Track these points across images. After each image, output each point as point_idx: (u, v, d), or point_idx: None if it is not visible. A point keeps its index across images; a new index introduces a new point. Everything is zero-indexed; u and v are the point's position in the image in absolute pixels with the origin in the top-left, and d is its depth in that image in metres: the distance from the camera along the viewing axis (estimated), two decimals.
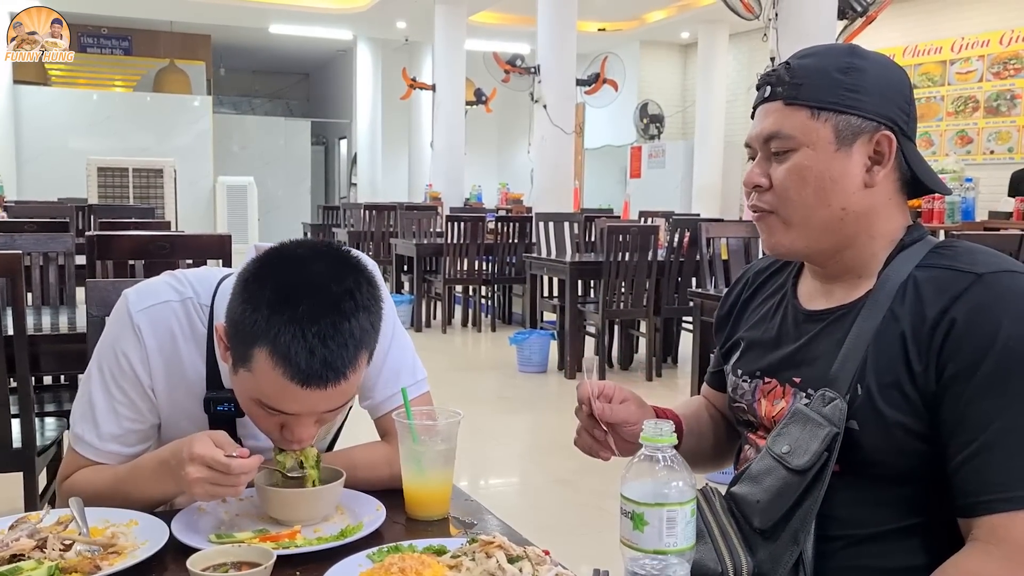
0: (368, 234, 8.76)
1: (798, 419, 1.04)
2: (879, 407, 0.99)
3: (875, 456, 1.01)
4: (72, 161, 12.04)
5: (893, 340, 1.00)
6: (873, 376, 1.00)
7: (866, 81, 1.06)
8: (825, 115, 1.06)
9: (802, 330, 1.13)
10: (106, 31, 14.15)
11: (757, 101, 1.14)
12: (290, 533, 1.08)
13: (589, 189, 14.40)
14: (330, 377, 1.04)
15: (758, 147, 1.12)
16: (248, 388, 1.09)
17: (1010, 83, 9.22)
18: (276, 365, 1.03)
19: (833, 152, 1.06)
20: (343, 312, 1.05)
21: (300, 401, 1.07)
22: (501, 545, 0.97)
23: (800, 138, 1.07)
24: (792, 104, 1.08)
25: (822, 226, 1.08)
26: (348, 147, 16.79)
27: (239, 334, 1.07)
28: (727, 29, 11.83)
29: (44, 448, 2.32)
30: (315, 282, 1.06)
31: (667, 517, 0.81)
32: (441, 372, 5.77)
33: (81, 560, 0.97)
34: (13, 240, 3.09)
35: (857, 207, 1.07)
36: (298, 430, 1.11)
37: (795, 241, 1.11)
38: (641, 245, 5.37)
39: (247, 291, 1.07)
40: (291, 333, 1.02)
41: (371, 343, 1.10)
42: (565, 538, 2.96)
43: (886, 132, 1.06)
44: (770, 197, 1.11)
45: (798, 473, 1.01)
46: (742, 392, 1.19)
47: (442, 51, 10.70)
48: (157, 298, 1.22)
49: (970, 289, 0.97)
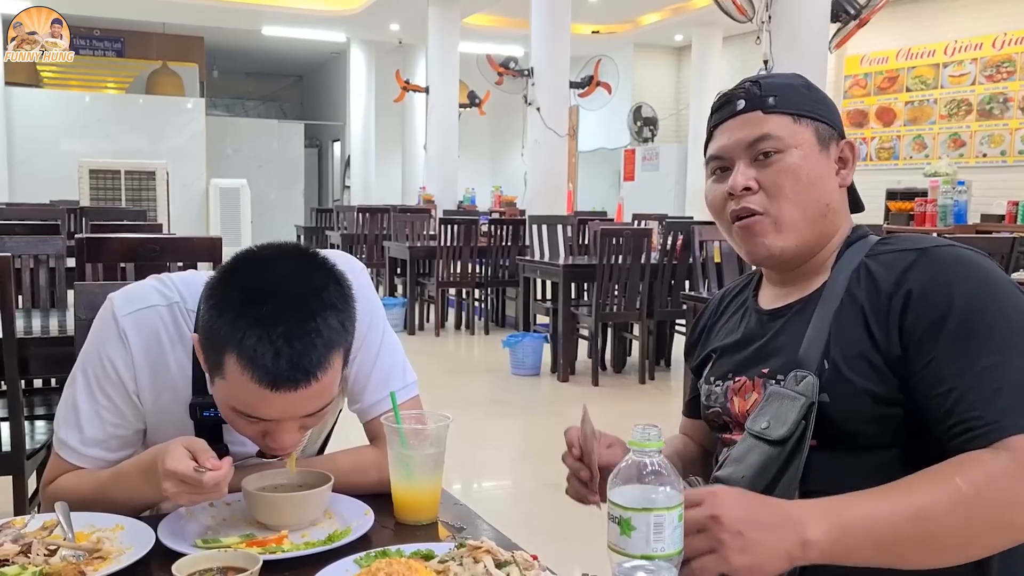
0: (361, 237, 8.75)
1: (774, 398, 1.09)
2: (847, 377, 1.04)
3: (849, 426, 1.04)
4: (64, 163, 12.01)
5: (853, 316, 1.06)
6: (839, 350, 1.05)
7: (821, 96, 1.19)
8: (805, 121, 1.15)
9: (766, 328, 1.19)
10: (98, 33, 14.13)
11: (723, 117, 1.19)
12: (277, 538, 1.07)
13: (582, 192, 14.41)
14: (299, 378, 1.02)
15: (737, 155, 1.16)
16: (224, 396, 1.08)
17: (1003, 86, 9.25)
18: (244, 370, 1.01)
19: (818, 152, 1.15)
20: (309, 311, 1.04)
21: (274, 406, 1.05)
22: (489, 550, 0.96)
23: (788, 140, 1.14)
24: (772, 112, 1.15)
25: (811, 222, 1.15)
26: (341, 149, 16.78)
27: (209, 342, 1.06)
28: (721, 32, 11.86)
29: (33, 451, 2.30)
30: (279, 283, 1.05)
31: (654, 522, 0.81)
32: (434, 375, 5.77)
33: (66, 565, 0.96)
34: (3, 242, 3.07)
35: (835, 204, 1.17)
36: (280, 436, 1.10)
37: (786, 241, 1.15)
38: (634, 248, 5.37)
39: (213, 297, 1.06)
40: (256, 336, 1.01)
41: (342, 342, 1.08)
42: (556, 542, 2.95)
43: (850, 140, 1.19)
44: (759, 198, 1.15)
45: (778, 444, 1.05)
46: (715, 396, 1.23)
47: (435, 53, 10.70)
48: (143, 302, 1.21)
49: (917, 262, 1.05)
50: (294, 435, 1.11)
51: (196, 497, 1.05)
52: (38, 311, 3.01)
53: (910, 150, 10.14)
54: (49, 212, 6.17)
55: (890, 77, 10.33)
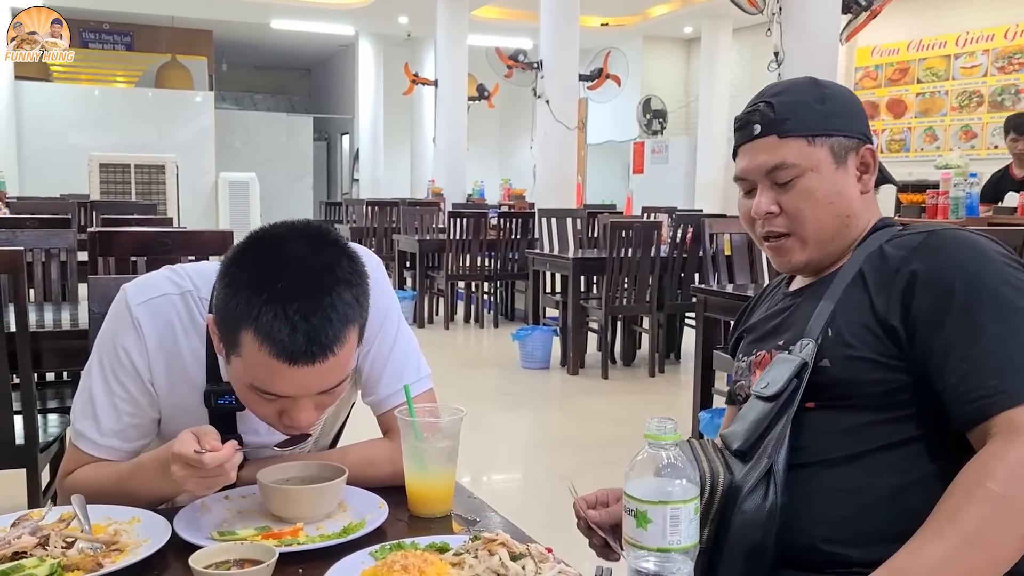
0: (370, 230, 8.76)
1: (776, 363, 1.17)
2: (848, 342, 1.11)
3: (846, 390, 1.11)
4: (74, 157, 12.04)
5: (860, 289, 1.14)
6: (843, 318, 1.13)
7: (839, 106, 1.22)
8: (819, 140, 1.19)
9: (788, 305, 1.28)
10: (108, 26, 14.14)
11: (743, 140, 1.25)
12: (292, 530, 1.08)
13: (592, 185, 14.38)
14: (316, 352, 1.03)
15: (758, 179, 1.23)
16: (241, 375, 1.09)
17: (1014, 78, 9.18)
18: (261, 345, 1.03)
19: (834, 171, 1.20)
20: (324, 286, 1.05)
21: (291, 381, 1.06)
22: (504, 543, 0.96)
23: (803, 164, 1.19)
24: (787, 136, 1.19)
25: (832, 235, 1.21)
26: (350, 143, 16.78)
27: (225, 320, 1.07)
28: (731, 24, 11.79)
29: (47, 444, 2.32)
30: (293, 260, 1.06)
31: (671, 515, 0.81)
32: (443, 368, 5.77)
33: (83, 558, 0.97)
34: (15, 236, 3.09)
35: (856, 211, 1.22)
36: (296, 414, 1.10)
37: (811, 255, 1.23)
38: (644, 241, 5.36)
39: (228, 275, 1.07)
40: (272, 312, 1.02)
41: (357, 317, 1.09)
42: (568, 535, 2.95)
43: (869, 146, 1.22)
44: (782, 221, 1.22)
45: (770, 400, 1.13)
46: (740, 371, 1.31)
47: (444, 46, 10.68)
48: (157, 291, 1.22)
49: (924, 241, 1.11)
50: (310, 413, 1.12)
51: (203, 482, 1.06)
52: (50, 304, 3.03)
53: (921, 142, 10.08)
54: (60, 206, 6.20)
55: (901, 69, 10.27)
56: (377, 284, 1.21)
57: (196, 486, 1.06)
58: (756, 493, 1.09)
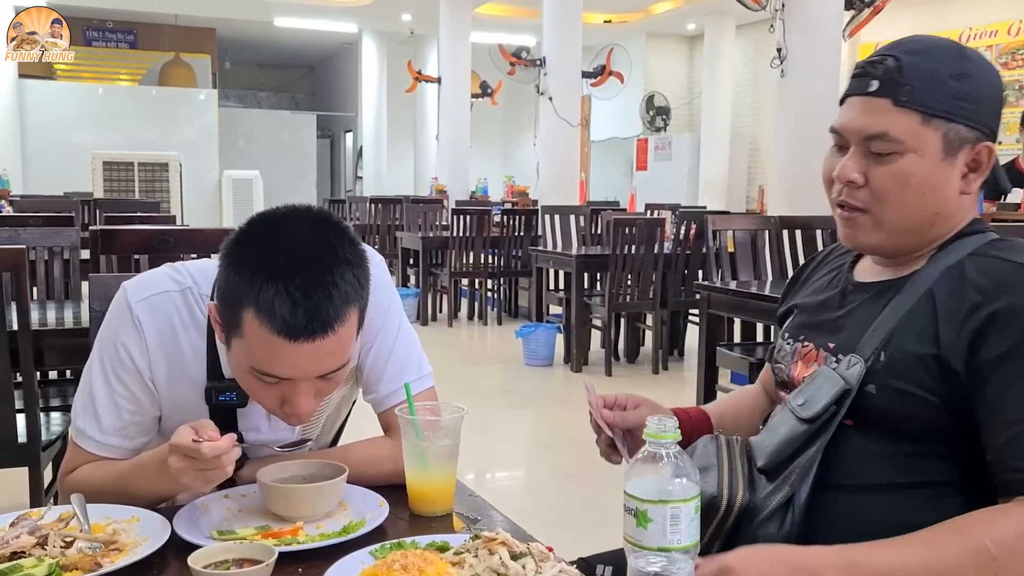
0: (374, 227, 8.76)
1: (819, 377, 1.08)
2: (899, 374, 1.02)
3: (887, 419, 1.03)
4: (77, 155, 12.06)
5: (927, 316, 1.02)
6: (899, 345, 1.03)
7: (976, 89, 1.06)
8: (936, 122, 1.05)
9: (847, 299, 1.16)
10: (111, 24, 14.16)
11: (855, 90, 1.09)
12: (292, 530, 1.07)
13: (595, 182, 14.37)
14: (316, 329, 1.04)
15: (854, 141, 1.09)
16: (242, 358, 1.09)
17: (1019, 73, 9.15)
18: (263, 322, 1.03)
19: (939, 161, 1.06)
20: (325, 265, 1.06)
21: (291, 360, 1.06)
22: (504, 542, 0.96)
23: (909, 143, 1.05)
24: (902, 106, 1.05)
25: (913, 228, 1.09)
26: (353, 140, 16.79)
27: (227, 300, 1.08)
28: (734, 20, 11.77)
29: (49, 443, 2.32)
30: (295, 239, 1.07)
31: (671, 514, 0.80)
32: (447, 366, 5.77)
33: (82, 557, 0.96)
34: (18, 234, 3.09)
35: (948, 211, 1.08)
36: (297, 400, 1.10)
37: (882, 240, 1.11)
38: (647, 238, 5.35)
39: (230, 256, 1.09)
40: (274, 288, 1.03)
41: (358, 298, 1.09)
42: (569, 533, 2.95)
43: (987, 143, 1.07)
44: (864, 195, 1.09)
45: (806, 422, 1.06)
46: (783, 353, 1.22)
47: (447, 44, 10.67)
48: (156, 288, 1.22)
49: (1012, 279, 0.99)
50: (311, 400, 1.11)
51: (201, 475, 1.05)
52: (52, 303, 3.03)
53: None
54: (63, 204, 6.21)
55: None
56: (379, 282, 1.22)
57: (193, 479, 1.05)
58: (773, 521, 1.05)
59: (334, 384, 1.14)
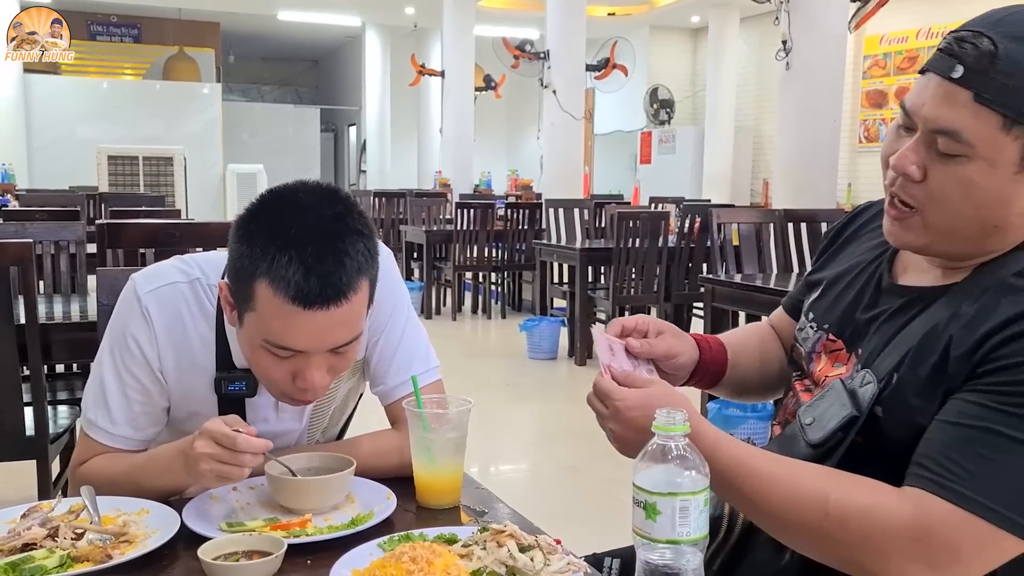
0: (378, 221, 8.75)
1: (830, 394, 1.03)
2: (908, 401, 0.95)
3: (893, 445, 0.98)
4: (82, 149, 12.08)
5: (944, 342, 0.94)
6: (910, 370, 0.96)
7: None
8: (1019, 130, 0.89)
9: (882, 299, 1.07)
10: (115, 19, 14.16)
11: (936, 69, 0.94)
12: (301, 522, 1.08)
13: (599, 175, 14.35)
14: (330, 296, 1.05)
15: (921, 128, 0.95)
16: (254, 332, 1.10)
17: None
18: (276, 291, 1.05)
19: (1012, 175, 0.91)
20: (336, 234, 1.08)
21: (305, 330, 1.07)
22: (512, 534, 0.96)
23: (979, 149, 0.91)
24: (985, 104, 0.89)
25: (966, 239, 0.97)
26: (357, 134, 16.78)
27: (239, 274, 1.09)
28: (738, 13, 11.74)
29: (57, 436, 2.33)
30: (306, 211, 1.09)
31: (680, 507, 0.80)
32: (451, 359, 5.78)
33: (93, 549, 0.97)
34: (24, 228, 3.10)
35: (1011, 226, 0.95)
36: (310, 374, 1.11)
37: (929, 244, 1.00)
38: (651, 231, 5.35)
39: (241, 230, 1.10)
40: (287, 256, 1.04)
41: (368, 269, 1.11)
42: (573, 526, 2.96)
43: None
44: (919, 192, 0.96)
45: (812, 447, 1.01)
46: (805, 337, 1.16)
47: (451, 37, 10.66)
48: (165, 280, 1.23)
49: None
50: (323, 374, 1.12)
51: (221, 468, 1.04)
52: (59, 296, 3.04)
53: None
54: (69, 198, 6.22)
55: (910, 57, 10.20)
56: (388, 275, 1.24)
57: (211, 470, 1.05)
58: (774, 544, 1.03)
59: (346, 361, 1.15)
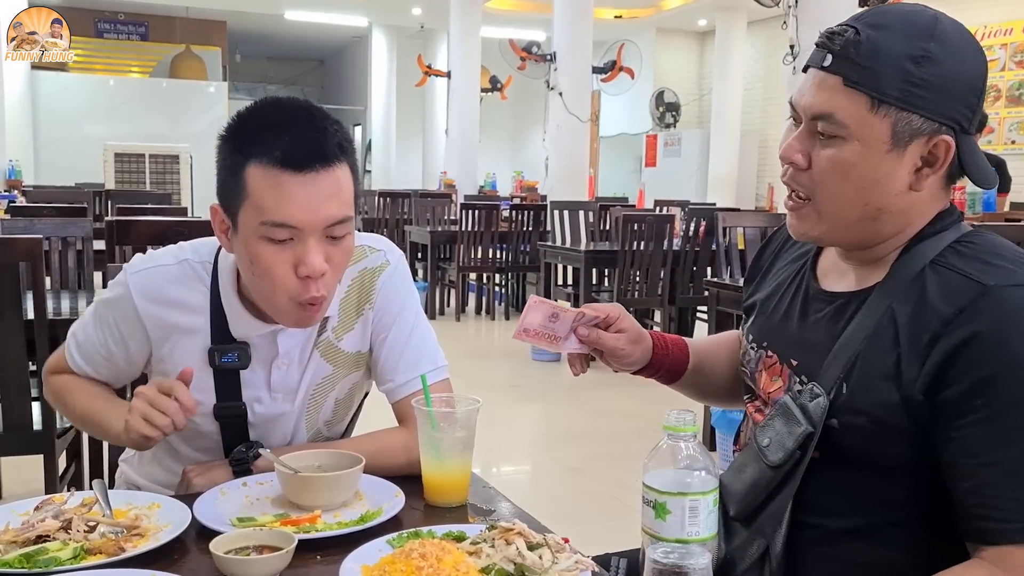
0: (382, 221, 8.77)
1: (782, 412, 1.03)
2: (861, 409, 0.96)
3: (853, 454, 0.99)
4: (89, 146, 12.10)
5: (888, 343, 0.96)
6: (859, 378, 0.97)
7: (938, 75, 0.94)
8: (885, 109, 0.95)
9: (809, 308, 1.09)
10: (123, 17, 14.19)
11: (812, 61, 1.00)
12: (310, 518, 1.09)
13: (604, 177, 14.35)
14: (316, 158, 1.12)
15: (803, 118, 1.01)
16: (251, 225, 1.14)
17: None
18: (265, 165, 1.11)
19: (884, 153, 0.96)
20: (314, 115, 1.16)
21: (297, 198, 1.11)
22: (521, 532, 0.97)
23: (853, 129, 0.96)
24: (852, 87, 0.95)
25: (853, 223, 1.01)
26: (362, 134, 16.79)
27: (229, 174, 1.15)
28: (745, 17, 11.73)
29: (64, 431, 2.34)
30: (284, 104, 1.19)
31: (689, 506, 0.81)
32: (454, 360, 5.71)
33: (106, 542, 0.98)
34: (33, 224, 3.11)
35: (895, 208, 1.00)
36: (310, 258, 1.14)
37: (825, 232, 1.04)
38: (656, 234, 5.35)
39: (228, 134, 1.17)
40: (273, 134, 1.12)
41: (349, 154, 1.17)
42: (575, 527, 2.95)
43: (945, 137, 0.96)
44: (806, 180, 1.01)
45: (772, 468, 1.02)
46: (748, 359, 1.19)
47: (457, 38, 10.67)
48: (154, 262, 1.29)
49: (976, 303, 0.91)
50: (322, 261, 1.15)
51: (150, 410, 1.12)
52: (66, 293, 3.05)
53: None
54: (75, 195, 6.24)
55: None
56: (399, 275, 1.32)
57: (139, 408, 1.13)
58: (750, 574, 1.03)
59: (342, 252, 1.18)
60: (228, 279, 1.26)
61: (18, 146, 11.19)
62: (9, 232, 2.97)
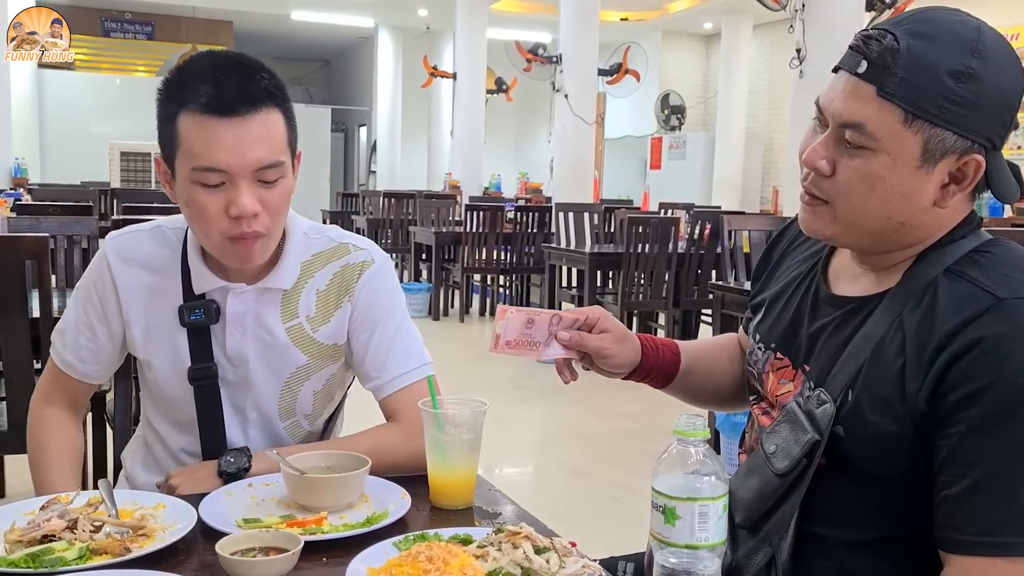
0: (387, 222, 8.77)
1: (789, 419, 1.02)
2: (866, 418, 0.95)
3: (859, 462, 0.98)
4: (94, 145, 12.11)
5: (893, 353, 0.94)
6: (865, 386, 0.96)
7: (978, 93, 0.91)
8: (919, 124, 0.92)
9: (820, 312, 1.08)
10: (129, 16, 14.22)
11: (845, 65, 0.96)
12: (316, 519, 1.08)
13: (609, 180, 14.35)
14: (242, 101, 1.15)
15: (831, 123, 0.98)
16: (185, 173, 1.18)
17: None
18: (193, 111, 1.15)
19: (914, 169, 0.94)
20: (243, 63, 1.20)
21: (224, 141, 1.15)
22: (528, 536, 0.96)
23: (883, 142, 0.93)
24: (886, 98, 0.92)
25: (872, 232, 0.99)
26: (368, 134, 16.80)
27: (164, 121, 1.19)
28: (751, 20, 11.73)
29: None
30: (218, 52, 1.24)
31: (699, 512, 0.80)
32: (458, 361, 5.78)
33: (111, 542, 0.98)
34: (39, 223, 3.11)
35: (916, 222, 0.98)
36: (241, 200, 1.16)
37: (839, 234, 1.02)
38: (661, 237, 5.35)
39: (163, 85, 1.21)
40: (200, 79, 1.16)
41: (280, 101, 1.21)
42: (578, 529, 2.95)
43: (977, 156, 0.93)
44: (828, 186, 0.99)
45: (779, 476, 1.01)
46: (755, 360, 1.17)
47: (463, 39, 10.67)
48: (129, 229, 1.35)
49: (986, 314, 0.89)
50: (254, 201, 1.18)
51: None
52: (71, 291, 3.04)
53: None
54: (81, 193, 6.25)
55: None
56: (384, 274, 1.35)
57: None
58: None
59: (277, 196, 1.21)
60: (194, 239, 1.30)
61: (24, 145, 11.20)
62: (15, 230, 2.98)
